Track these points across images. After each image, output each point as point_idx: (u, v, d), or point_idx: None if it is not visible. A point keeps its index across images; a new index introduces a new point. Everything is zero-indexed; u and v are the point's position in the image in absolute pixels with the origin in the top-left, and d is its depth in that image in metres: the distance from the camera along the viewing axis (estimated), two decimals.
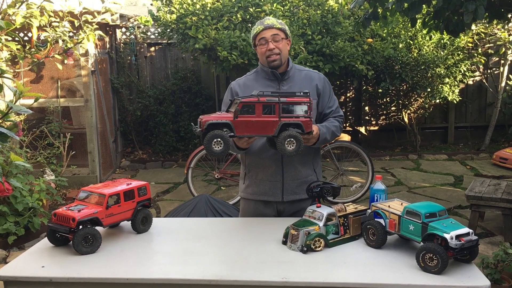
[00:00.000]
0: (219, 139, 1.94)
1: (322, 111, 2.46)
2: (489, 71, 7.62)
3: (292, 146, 2.02)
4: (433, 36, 6.69)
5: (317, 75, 2.47)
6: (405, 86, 6.86)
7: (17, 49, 4.31)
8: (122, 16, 6.77)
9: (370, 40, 6.26)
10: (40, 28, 4.58)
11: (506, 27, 6.98)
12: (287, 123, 2.02)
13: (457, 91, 6.99)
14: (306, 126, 2.06)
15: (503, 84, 7.32)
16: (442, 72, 6.62)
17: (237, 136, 2.01)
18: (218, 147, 1.94)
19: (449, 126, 7.88)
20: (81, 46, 5.19)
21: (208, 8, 5.46)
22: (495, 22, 6.49)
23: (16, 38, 4.85)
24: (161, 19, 5.79)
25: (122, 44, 7.36)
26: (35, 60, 4.78)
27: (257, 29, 2.38)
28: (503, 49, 7.05)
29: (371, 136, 7.91)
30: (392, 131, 7.85)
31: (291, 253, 1.87)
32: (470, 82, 7.71)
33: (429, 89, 6.70)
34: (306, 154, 2.42)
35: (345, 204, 2.08)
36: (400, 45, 6.55)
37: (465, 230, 1.67)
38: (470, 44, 7.02)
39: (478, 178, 4.66)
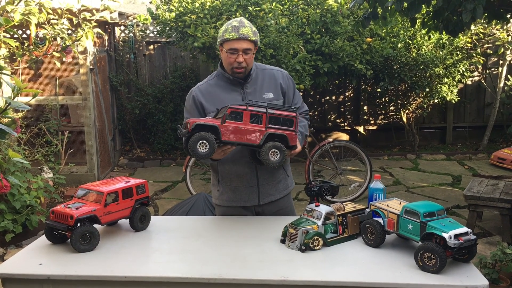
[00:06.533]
0: (204, 141, 1.93)
1: None
2: (487, 71, 7.62)
3: (276, 157, 2.02)
4: (432, 36, 6.69)
5: (280, 73, 2.43)
6: (403, 85, 6.86)
7: (15, 46, 4.30)
8: (121, 14, 6.75)
9: (369, 39, 6.26)
10: (39, 25, 4.58)
11: (505, 27, 6.98)
12: (273, 134, 2.02)
13: (455, 91, 6.99)
14: (291, 139, 2.06)
15: (501, 85, 7.32)
16: (441, 72, 6.62)
17: (222, 142, 1.98)
18: (203, 149, 1.93)
19: (448, 126, 7.88)
20: (79, 43, 5.18)
21: (207, 7, 5.44)
22: (494, 22, 6.49)
23: (15, 35, 4.84)
24: (160, 17, 5.77)
25: (121, 42, 7.34)
26: (34, 57, 4.77)
27: (230, 35, 2.23)
28: (502, 50, 7.05)
29: (370, 136, 7.91)
30: (391, 130, 7.86)
31: (289, 252, 1.87)
32: (469, 82, 7.72)
33: (427, 89, 6.70)
34: None
35: (343, 203, 2.08)
36: (399, 45, 6.56)
37: (464, 229, 1.67)
38: (469, 44, 7.03)
39: (476, 178, 4.66)
